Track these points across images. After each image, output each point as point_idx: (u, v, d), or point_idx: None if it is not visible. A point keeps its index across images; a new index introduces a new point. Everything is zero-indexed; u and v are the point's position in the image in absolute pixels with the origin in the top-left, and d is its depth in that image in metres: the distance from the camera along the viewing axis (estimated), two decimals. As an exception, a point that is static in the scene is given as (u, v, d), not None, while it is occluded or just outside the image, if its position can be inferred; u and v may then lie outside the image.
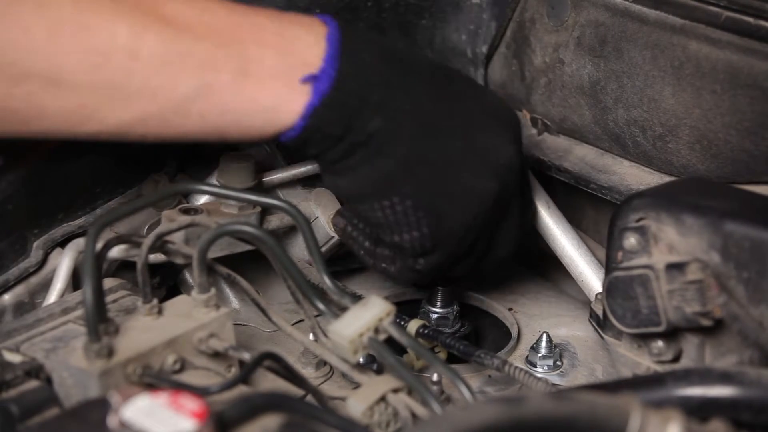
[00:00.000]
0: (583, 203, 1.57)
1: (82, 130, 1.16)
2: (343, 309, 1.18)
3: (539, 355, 1.42)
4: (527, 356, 1.43)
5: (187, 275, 1.46)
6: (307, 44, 1.20)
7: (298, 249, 1.42)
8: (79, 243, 1.35)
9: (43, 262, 1.35)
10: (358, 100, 1.21)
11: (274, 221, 1.41)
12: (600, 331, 1.28)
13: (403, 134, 1.24)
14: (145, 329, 1.15)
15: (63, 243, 1.36)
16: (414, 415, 1.12)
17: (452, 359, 1.39)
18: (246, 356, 1.14)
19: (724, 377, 1.01)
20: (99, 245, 1.15)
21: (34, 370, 1.12)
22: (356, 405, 1.12)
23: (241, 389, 1.09)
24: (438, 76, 1.30)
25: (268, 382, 1.17)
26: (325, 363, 1.37)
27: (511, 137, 1.32)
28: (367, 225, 1.34)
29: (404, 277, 1.36)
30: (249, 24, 1.19)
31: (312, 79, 1.18)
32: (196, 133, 1.20)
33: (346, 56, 1.20)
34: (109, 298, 1.21)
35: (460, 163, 1.28)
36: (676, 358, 1.20)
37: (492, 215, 1.31)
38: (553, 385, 1.28)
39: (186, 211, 1.35)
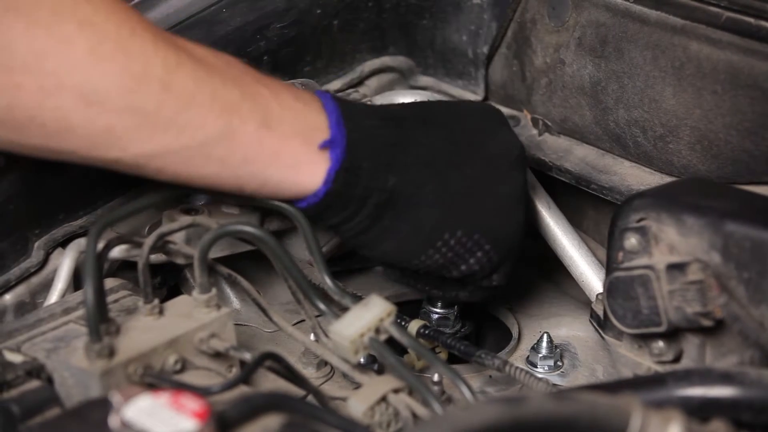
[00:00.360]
0: (584, 204, 1.57)
1: (102, 156, 1.16)
2: (344, 309, 1.18)
3: (540, 355, 1.42)
4: (528, 356, 1.43)
5: (188, 275, 1.46)
6: (315, 110, 1.22)
7: (299, 249, 1.42)
8: (80, 243, 1.35)
9: (44, 262, 1.34)
10: (371, 162, 1.23)
11: (275, 221, 1.41)
12: (601, 331, 1.28)
13: (422, 180, 1.26)
14: (146, 329, 1.15)
15: (64, 243, 1.36)
16: (415, 416, 1.12)
17: (453, 359, 1.39)
18: (247, 356, 1.14)
19: (725, 377, 1.01)
20: (100, 245, 1.15)
21: (35, 370, 1.12)
22: (357, 405, 1.12)
23: (242, 389, 1.09)
24: (427, 113, 1.33)
25: (269, 382, 1.17)
26: (325, 363, 1.37)
27: (508, 128, 1.36)
28: (422, 276, 1.34)
29: (479, 296, 1.38)
30: (269, 83, 1.22)
31: (329, 143, 1.20)
32: (213, 179, 1.19)
33: (348, 122, 1.22)
34: (110, 298, 1.21)
35: (485, 175, 1.30)
36: (677, 359, 1.20)
37: (527, 201, 1.36)
38: (554, 385, 1.28)
39: (187, 211, 1.35)
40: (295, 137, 1.20)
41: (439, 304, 1.47)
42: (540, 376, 1.32)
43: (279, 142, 1.19)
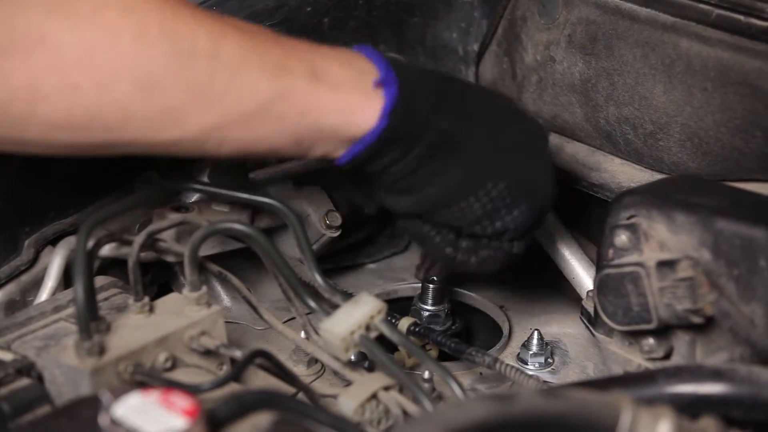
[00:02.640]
0: (575, 201, 1.57)
1: (164, 137, 1.15)
2: (335, 307, 1.18)
3: (530, 352, 1.42)
4: (518, 354, 1.43)
5: (179, 273, 1.45)
6: (361, 59, 1.23)
7: (290, 247, 1.42)
8: (70, 241, 1.35)
9: (34, 260, 1.34)
10: (425, 102, 1.23)
11: (266, 219, 1.41)
12: (591, 328, 1.28)
13: (471, 130, 1.26)
14: (136, 327, 1.15)
15: (54, 241, 1.36)
16: (405, 413, 1.12)
17: (443, 357, 1.39)
18: (237, 354, 1.14)
19: (715, 374, 1.02)
20: (90, 243, 1.15)
21: (26, 368, 1.12)
22: (347, 402, 1.12)
23: (233, 387, 1.09)
24: (467, 81, 1.38)
25: (260, 379, 1.17)
26: (316, 361, 1.37)
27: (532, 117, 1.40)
28: (452, 229, 1.32)
29: (491, 266, 1.36)
30: (307, 43, 1.23)
31: (382, 83, 1.21)
32: (274, 138, 1.19)
33: (397, 68, 1.23)
34: (100, 296, 1.21)
35: (528, 142, 1.32)
36: (667, 356, 1.20)
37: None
38: (545, 382, 1.28)
39: (177, 209, 1.35)
40: (346, 83, 1.20)
41: (430, 301, 1.48)
42: (530, 373, 1.32)
43: (331, 91, 1.19)
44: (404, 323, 1.38)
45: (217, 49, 1.15)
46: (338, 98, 1.20)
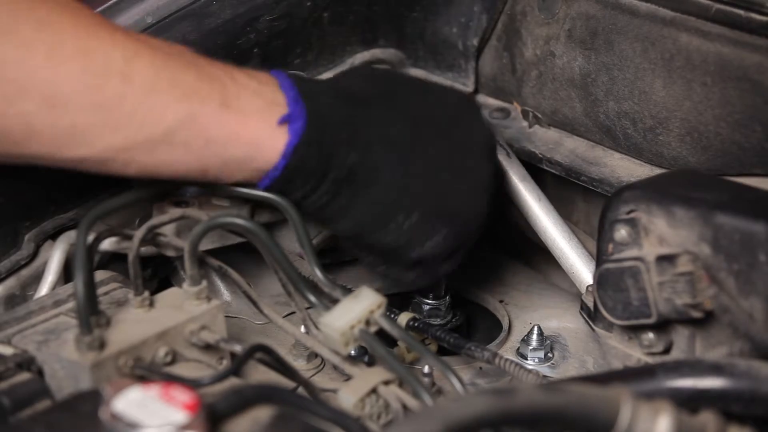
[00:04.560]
0: (574, 195, 1.57)
1: (70, 155, 1.16)
2: (335, 301, 1.18)
3: (530, 347, 1.42)
4: (518, 348, 1.43)
5: (179, 267, 1.45)
6: (272, 88, 1.22)
7: (290, 241, 1.42)
8: (70, 235, 1.35)
9: (34, 254, 1.34)
10: (331, 137, 1.23)
11: (266, 213, 1.41)
12: (591, 323, 1.28)
13: (382, 160, 1.26)
14: (136, 321, 1.15)
15: (54, 235, 1.36)
16: (405, 407, 1.12)
17: (443, 351, 1.39)
18: (237, 348, 1.14)
19: (715, 369, 1.02)
20: (90, 238, 1.15)
21: (26, 363, 1.12)
22: (347, 397, 1.12)
23: (233, 381, 1.09)
24: (392, 94, 1.32)
25: (260, 374, 1.17)
26: (316, 355, 1.37)
27: (478, 116, 1.37)
28: (378, 253, 1.33)
29: (424, 281, 1.38)
30: (222, 65, 1.22)
31: (287, 118, 1.20)
32: (177, 166, 1.20)
33: (308, 99, 1.22)
34: (100, 291, 1.21)
35: (451, 160, 1.30)
36: (667, 350, 1.20)
37: (493, 193, 1.35)
38: (544, 377, 1.28)
39: (177, 204, 1.35)
40: (254, 114, 1.20)
41: (431, 294, 1.48)
42: (530, 367, 1.33)
43: (238, 121, 1.19)
44: (403, 318, 1.38)
45: (130, 70, 1.14)
46: (244, 129, 1.19)
